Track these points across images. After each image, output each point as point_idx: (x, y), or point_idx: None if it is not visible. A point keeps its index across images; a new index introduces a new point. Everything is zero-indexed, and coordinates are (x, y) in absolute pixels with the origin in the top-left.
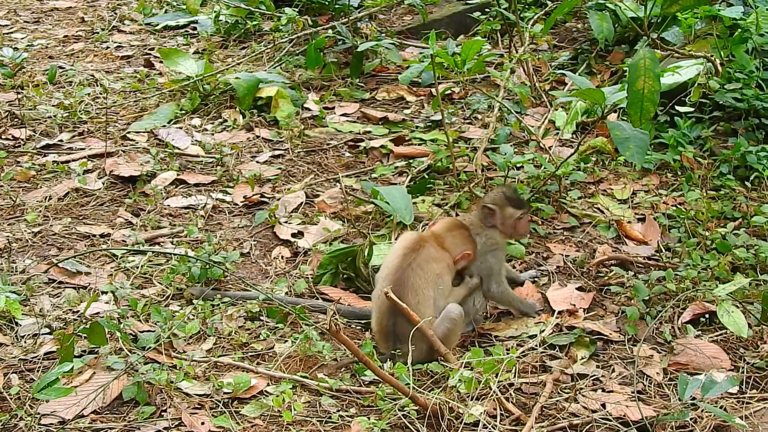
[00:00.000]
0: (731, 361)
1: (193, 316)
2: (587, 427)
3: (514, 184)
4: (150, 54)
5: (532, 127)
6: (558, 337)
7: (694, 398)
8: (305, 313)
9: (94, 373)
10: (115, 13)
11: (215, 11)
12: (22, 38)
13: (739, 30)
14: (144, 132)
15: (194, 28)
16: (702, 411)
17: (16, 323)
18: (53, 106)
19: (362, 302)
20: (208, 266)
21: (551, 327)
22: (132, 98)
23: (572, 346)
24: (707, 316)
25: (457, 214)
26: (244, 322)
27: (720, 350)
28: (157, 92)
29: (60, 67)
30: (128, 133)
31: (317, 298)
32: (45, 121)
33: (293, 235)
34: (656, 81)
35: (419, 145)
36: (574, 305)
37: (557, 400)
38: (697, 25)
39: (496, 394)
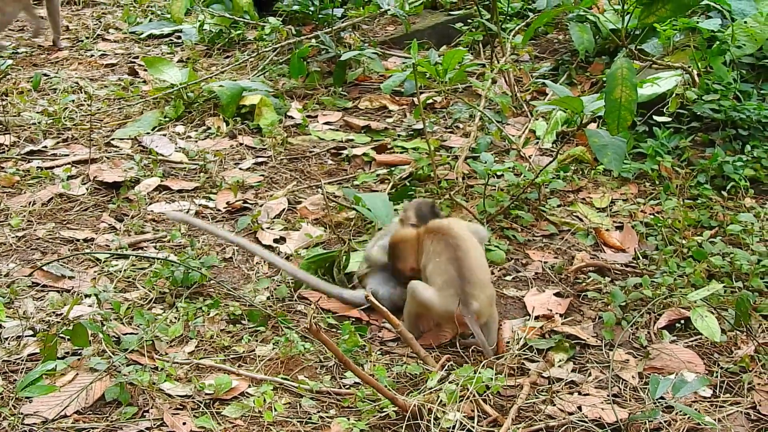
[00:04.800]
0: (705, 365)
1: (176, 319)
2: (563, 429)
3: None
4: (134, 62)
5: (513, 136)
6: (538, 341)
7: (668, 403)
8: (286, 316)
9: (77, 374)
10: (100, 22)
11: (200, 20)
12: (6, 46)
13: (717, 42)
14: (128, 139)
15: (179, 37)
16: (676, 413)
17: (0, 325)
18: (37, 112)
19: (341, 306)
20: (190, 270)
21: (533, 331)
22: (116, 106)
23: (550, 350)
24: (683, 322)
25: None
26: (226, 325)
27: (695, 355)
28: (141, 100)
29: (44, 75)
30: (112, 140)
31: (297, 303)
32: (29, 127)
33: (275, 241)
34: (633, 90)
35: (401, 153)
36: (551, 310)
37: (534, 402)
38: (676, 37)
39: (474, 396)
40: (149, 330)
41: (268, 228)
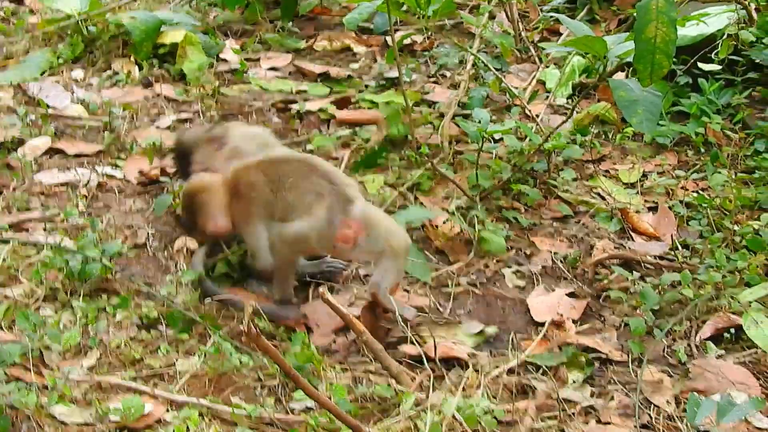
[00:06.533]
0: (762, 387)
1: (71, 323)
2: None
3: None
4: None
5: (516, 88)
6: (545, 356)
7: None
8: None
9: None
10: None
11: None
12: None
13: None
14: (9, 86)
15: None
16: None
17: None
18: None
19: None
20: (90, 260)
21: (536, 343)
22: None
23: (561, 367)
24: (733, 330)
25: (416, 198)
26: (138, 332)
27: (748, 374)
28: (26, 35)
29: None
30: None
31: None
32: None
33: None
34: (671, 27)
35: (369, 108)
36: (562, 315)
37: None
38: None
39: (463, 426)
40: (36, 337)
41: None
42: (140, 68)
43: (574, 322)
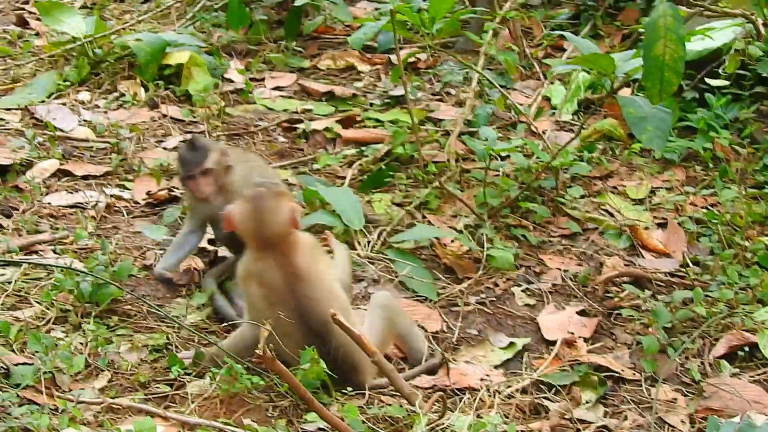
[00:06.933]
0: None
1: (82, 345)
2: None
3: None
4: (24, 9)
5: (521, 105)
6: (556, 375)
7: None
8: None
9: None
10: None
11: None
12: None
13: None
14: (16, 109)
15: None
16: None
17: None
18: None
19: None
20: (100, 282)
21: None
22: (0, 66)
23: (575, 386)
24: (747, 348)
25: (423, 216)
26: (149, 354)
27: (763, 392)
28: (33, 58)
29: None
30: None
31: None
32: None
33: (210, 242)
34: (680, 45)
35: (374, 127)
36: (573, 333)
37: None
38: None
39: None
40: (48, 359)
41: None
42: (146, 90)
43: (585, 340)
